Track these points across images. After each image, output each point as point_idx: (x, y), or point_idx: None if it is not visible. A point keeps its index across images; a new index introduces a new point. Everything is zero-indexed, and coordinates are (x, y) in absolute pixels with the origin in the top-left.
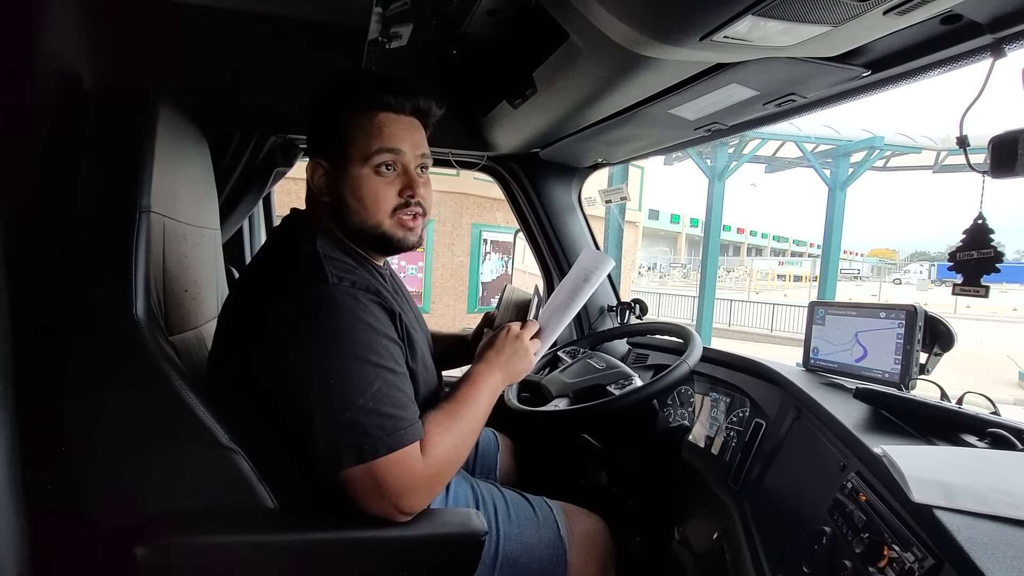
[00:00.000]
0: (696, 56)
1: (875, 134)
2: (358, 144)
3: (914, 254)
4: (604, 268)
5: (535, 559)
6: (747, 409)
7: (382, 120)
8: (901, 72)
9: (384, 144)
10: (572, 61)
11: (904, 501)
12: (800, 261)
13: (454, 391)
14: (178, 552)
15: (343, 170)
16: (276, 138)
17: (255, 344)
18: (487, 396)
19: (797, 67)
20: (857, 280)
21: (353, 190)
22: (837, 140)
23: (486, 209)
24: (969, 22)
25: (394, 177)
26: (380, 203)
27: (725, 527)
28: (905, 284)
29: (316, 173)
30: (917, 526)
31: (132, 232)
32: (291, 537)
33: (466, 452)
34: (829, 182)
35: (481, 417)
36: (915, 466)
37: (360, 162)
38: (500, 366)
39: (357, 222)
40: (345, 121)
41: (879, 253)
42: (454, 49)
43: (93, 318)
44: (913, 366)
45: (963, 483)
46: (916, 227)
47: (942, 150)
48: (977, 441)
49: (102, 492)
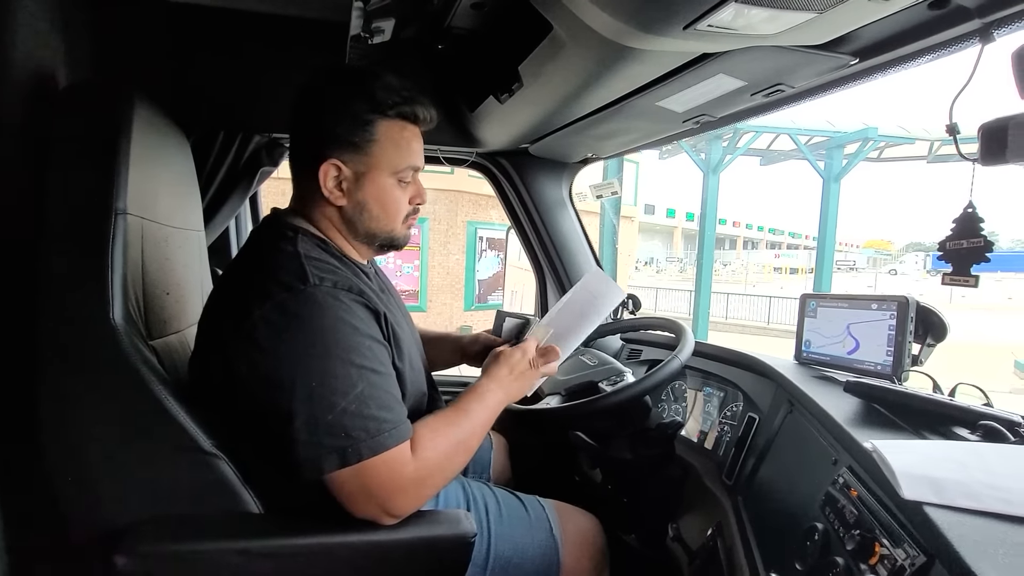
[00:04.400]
0: (681, 46)
1: (869, 125)
2: (388, 155)
3: (909, 245)
4: (613, 299)
5: (527, 559)
6: (740, 404)
7: (410, 134)
8: (889, 59)
9: (412, 161)
10: (557, 53)
11: (895, 497)
12: (795, 253)
13: (458, 401)
14: (159, 560)
15: (367, 176)
16: (260, 137)
17: (236, 347)
18: (489, 412)
19: (784, 56)
20: (853, 271)
21: (377, 198)
22: (831, 132)
23: (481, 206)
24: (957, 7)
25: (408, 186)
26: (400, 212)
27: (719, 523)
28: (901, 275)
29: (330, 175)
30: (908, 522)
31: (108, 235)
32: (277, 542)
33: (460, 462)
34: (823, 174)
35: (480, 430)
36: (905, 461)
37: (388, 173)
38: (506, 386)
39: (374, 227)
40: (374, 128)
41: (875, 244)
42: (439, 44)
43: (69, 323)
44: (905, 357)
45: (953, 478)
46: (911, 218)
47: (936, 140)
48: (969, 434)
49: (81, 500)
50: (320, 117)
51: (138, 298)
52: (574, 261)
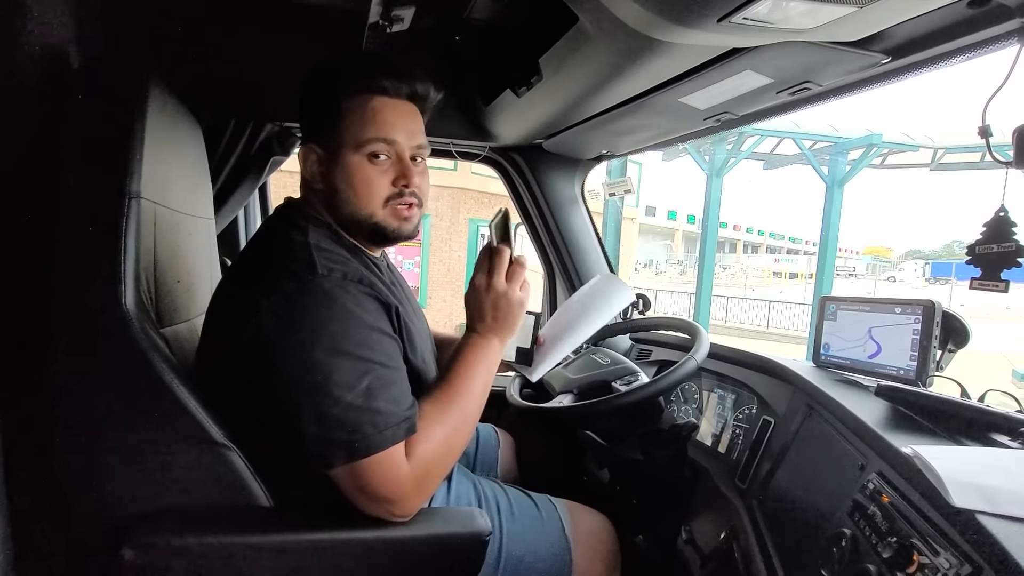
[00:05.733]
0: (711, 40)
1: (873, 131)
2: (351, 130)
3: (909, 252)
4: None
5: (540, 558)
6: (754, 406)
7: (377, 105)
8: (922, 59)
9: (378, 132)
10: (580, 46)
11: (938, 504)
12: (795, 258)
13: (444, 372)
14: (167, 553)
15: (336, 157)
16: (272, 126)
17: (244, 337)
18: (484, 370)
19: (814, 53)
20: (852, 277)
21: (346, 178)
22: (835, 137)
23: (484, 204)
24: (998, 4)
25: (388, 165)
26: (373, 192)
27: (733, 526)
28: (900, 282)
29: (308, 159)
30: (953, 531)
31: (121, 218)
32: (287, 537)
33: (461, 443)
34: (827, 179)
35: (479, 396)
36: (951, 467)
37: (353, 149)
38: (493, 330)
39: (350, 211)
40: (338, 105)
41: (874, 251)
42: (456, 35)
43: (80, 308)
44: (931, 363)
45: (1004, 486)
46: (911, 226)
47: (939, 148)
48: (1010, 441)
49: (89, 491)
50: (300, 102)
51: (150, 284)
52: (585, 259)
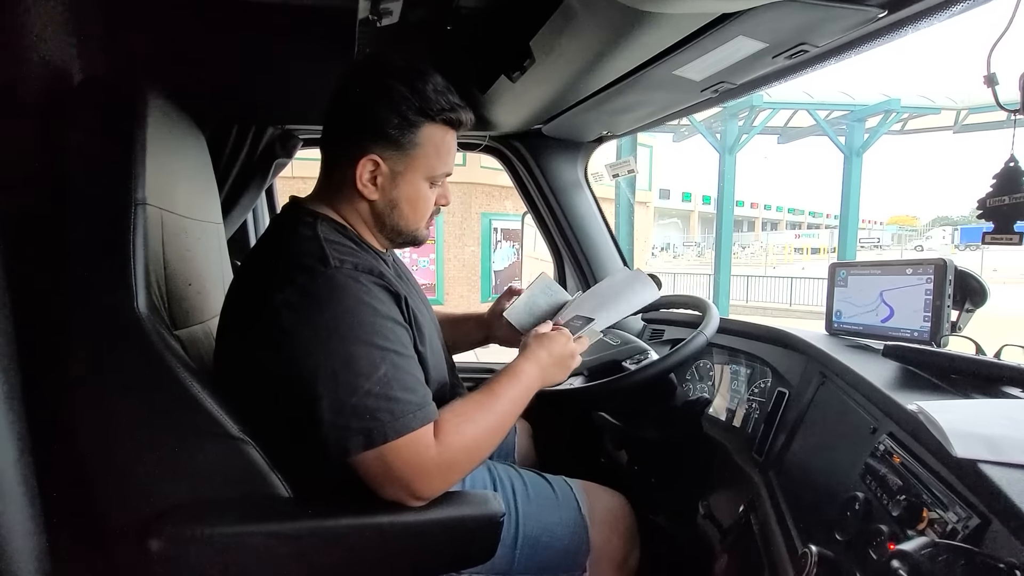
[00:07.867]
0: (700, 6)
1: (890, 96)
2: (429, 159)
3: (936, 219)
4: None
5: (556, 538)
6: (769, 379)
7: (450, 140)
8: (920, 10)
9: (448, 167)
10: (569, 24)
11: (944, 458)
12: (817, 233)
13: (490, 383)
14: (192, 544)
15: (403, 176)
16: (274, 130)
17: (259, 332)
18: (523, 394)
19: (807, 11)
20: (877, 249)
21: (410, 199)
22: (851, 105)
23: (495, 198)
24: None
25: (437, 188)
26: (426, 212)
27: (751, 500)
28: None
29: (367, 169)
30: (959, 483)
31: (129, 225)
32: (306, 524)
33: (489, 447)
34: (844, 149)
35: (512, 413)
36: (954, 420)
37: (423, 176)
38: (545, 369)
39: (401, 225)
40: (419, 129)
41: (899, 220)
42: (448, 25)
43: (95, 315)
44: (944, 323)
45: (1008, 435)
46: (937, 192)
47: (962, 109)
48: (1021, 392)
49: (113, 488)
50: (365, 111)
51: (161, 289)
52: (592, 243)
